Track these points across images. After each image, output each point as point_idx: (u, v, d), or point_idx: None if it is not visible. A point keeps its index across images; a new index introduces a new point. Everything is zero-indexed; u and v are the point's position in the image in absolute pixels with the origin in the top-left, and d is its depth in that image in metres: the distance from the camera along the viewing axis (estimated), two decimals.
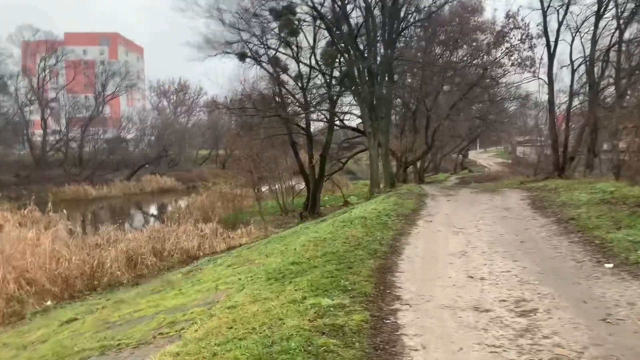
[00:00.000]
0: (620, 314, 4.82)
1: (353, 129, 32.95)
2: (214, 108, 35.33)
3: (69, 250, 19.34)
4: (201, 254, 22.54)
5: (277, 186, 37.65)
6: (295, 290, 5.83)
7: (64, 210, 24.82)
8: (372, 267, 6.85)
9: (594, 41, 21.40)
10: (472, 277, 6.41)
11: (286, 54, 30.39)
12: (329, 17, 22.20)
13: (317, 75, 30.25)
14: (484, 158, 76.68)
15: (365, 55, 21.16)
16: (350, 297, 5.50)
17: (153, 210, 48.15)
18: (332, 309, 5.06)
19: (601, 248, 7.44)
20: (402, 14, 22.41)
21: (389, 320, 4.95)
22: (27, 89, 61.25)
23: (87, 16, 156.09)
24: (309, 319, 4.73)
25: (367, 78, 20.84)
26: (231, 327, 4.87)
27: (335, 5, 21.83)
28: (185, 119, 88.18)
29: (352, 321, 4.73)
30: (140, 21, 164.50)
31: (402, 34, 24.82)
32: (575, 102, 23.74)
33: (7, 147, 60.54)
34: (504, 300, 5.41)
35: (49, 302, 15.81)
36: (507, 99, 42.34)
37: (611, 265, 6.51)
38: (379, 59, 21.14)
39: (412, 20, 23.70)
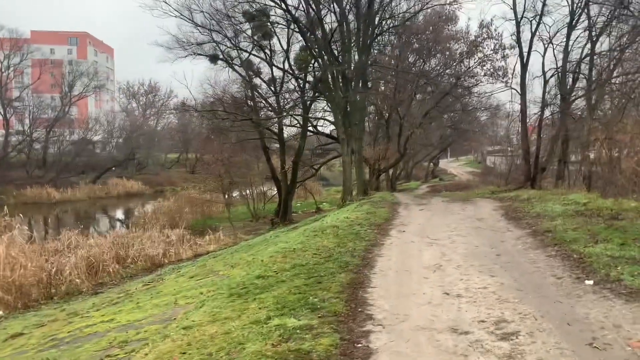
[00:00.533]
0: (607, 338, 4.49)
1: (326, 135, 32.61)
2: (183, 110, 34.45)
3: (25, 256, 18.39)
4: (166, 261, 21.81)
5: (248, 191, 37.06)
6: (260, 308, 5.35)
7: (21, 215, 23.59)
8: (343, 282, 6.41)
9: (566, 53, 21.59)
10: (448, 294, 6.02)
11: (259, 57, 29.93)
12: (303, 21, 21.81)
13: (290, 80, 29.88)
14: (455, 167, 77.41)
15: (340, 60, 20.81)
16: (319, 316, 5.04)
17: (118, 214, 46.87)
18: (298, 331, 4.59)
19: (580, 263, 7.17)
20: (376, 20, 22.17)
21: (361, 344, 4.51)
22: None
23: (56, 16, 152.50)
24: (273, 344, 4.26)
25: (340, 84, 20.49)
26: (185, 352, 4.36)
27: (310, 10, 21.48)
28: (155, 122, 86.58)
29: (319, 346, 4.27)
30: (112, 21, 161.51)
31: (377, 40, 24.63)
32: (547, 112, 23.89)
33: None
34: (483, 321, 5.03)
35: (0, 312, 14.92)
36: (478, 108, 42.80)
37: (592, 282, 6.22)
38: (353, 64, 20.82)
39: (386, 26, 23.51)
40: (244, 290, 6.27)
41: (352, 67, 20.39)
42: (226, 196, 34.35)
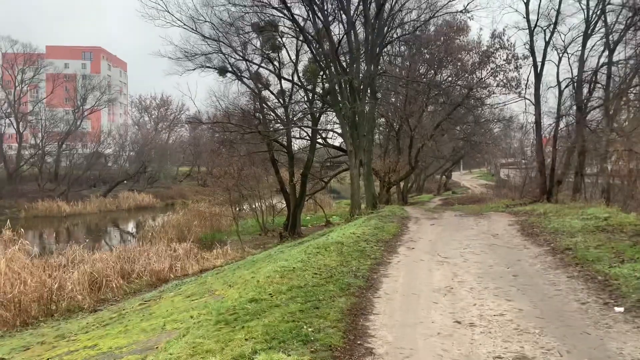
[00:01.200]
0: None
1: (336, 147, 32.07)
2: (190, 122, 34.27)
3: (27, 272, 18.01)
4: (172, 276, 21.39)
5: (257, 205, 36.65)
6: (246, 339, 4.75)
7: (22, 229, 23.32)
8: (342, 308, 5.80)
9: (582, 62, 20.92)
10: (459, 323, 5.39)
11: (268, 69, 29.60)
12: (311, 31, 21.32)
13: (298, 91, 29.48)
14: (468, 180, 76.35)
15: (347, 70, 20.28)
16: (312, 350, 4.43)
17: (127, 228, 46.60)
18: None
19: (606, 286, 6.49)
20: (385, 30, 21.64)
21: None
22: (2, 102, 59.62)
23: (71, 30, 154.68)
24: None
25: (348, 94, 19.94)
26: None
27: (317, 20, 21.01)
28: (167, 135, 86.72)
29: None
30: (126, 35, 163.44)
31: (386, 50, 24.10)
32: (562, 124, 23.17)
33: None
34: (499, 358, 4.39)
35: None
36: (491, 120, 42.06)
37: (622, 309, 5.54)
38: (361, 75, 20.25)
39: (395, 35, 22.90)
40: (233, 316, 5.68)
41: (359, 77, 19.82)
42: (236, 209, 33.95)
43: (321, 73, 25.24)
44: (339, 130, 23.19)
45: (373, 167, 29.96)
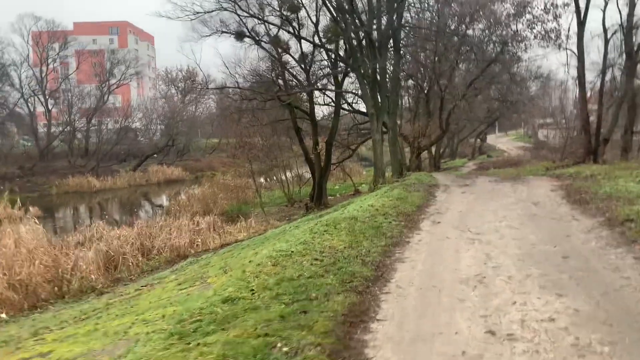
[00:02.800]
0: None
1: (361, 112, 30.33)
2: (203, 89, 33.25)
3: (41, 251, 17.38)
4: (192, 251, 20.61)
5: (282, 175, 35.70)
6: None
7: (33, 207, 22.85)
8: (337, 311, 4.42)
9: (632, 3, 18.49)
10: (493, 334, 3.94)
11: (288, 31, 27.86)
12: None
13: (320, 54, 27.77)
14: (503, 142, 73.31)
15: (365, 23, 18.35)
16: None
17: (155, 202, 46.33)
18: None
19: None
20: None
21: None
22: (29, 79, 59.79)
23: (97, 5, 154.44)
24: None
25: (368, 50, 18.09)
26: None
27: None
28: (194, 107, 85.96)
29: None
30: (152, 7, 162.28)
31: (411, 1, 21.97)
32: (608, 77, 20.87)
33: (10, 138, 59.39)
34: None
35: (2, 315, 13.77)
36: (528, 78, 39.46)
37: None
38: (383, 26, 18.28)
39: None
40: (195, 325, 4.39)
41: (380, 30, 17.89)
42: (259, 180, 33.06)
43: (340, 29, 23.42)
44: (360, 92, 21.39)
45: (402, 132, 28.21)
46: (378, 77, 18.33)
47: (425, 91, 31.28)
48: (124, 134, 63.77)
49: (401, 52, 21.93)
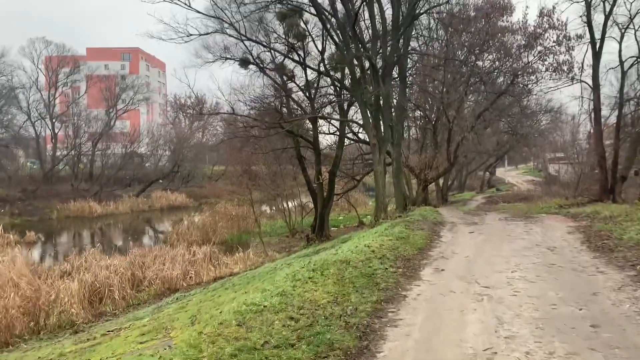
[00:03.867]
0: None
1: (366, 142, 29.50)
2: (203, 115, 32.86)
3: (24, 281, 16.45)
4: (184, 284, 19.67)
5: (284, 204, 34.92)
6: None
7: (31, 232, 21.97)
8: None
9: None
10: None
11: (293, 60, 27.29)
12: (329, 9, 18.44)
13: (324, 81, 27.10)
14: (513, 176, 72.12)
15: (368, 47, 17.47)
16: None
17: (156, 228, 45.42)
18: None
19: None
20: None
21: None
22: (37, 103, 59.91)
23: (110, 32, 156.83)
24: None
25: (371, 77, 17.18)
26: None
27: None
28: (201, 134, 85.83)
29: None
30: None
31: (419, 32, 21.19)
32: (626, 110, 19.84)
33: (16, 161, 59.23)
34: None
35: None
36: (538, 111, 38.62)
37: None
38: (387, 52, 17.39)
39: (427, 6, 19.37)
40: None
41: (384, 55, 17.00)
42: (259, 209, 32.27)
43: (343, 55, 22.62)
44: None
45: (408, 164, 27.23)
46: (381, 105, 17.42)
47: (433, 122, 30.44)
48: (129, 159, 63.54)
49: (408, 81, 21.07)
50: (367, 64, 17.62)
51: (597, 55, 18.84)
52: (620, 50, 18.85)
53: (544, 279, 6.81)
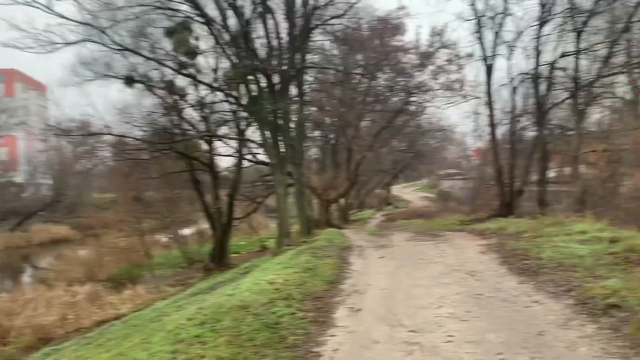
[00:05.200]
0: None
1: (265, 163, 28.22)
2: (72, 135, 30.07)
3: None
4: (62, 331, 17.04)
5: (180, 232, 32.56)
6: None
7: None
8: None
9: (537, 53, 18.13)
10: None
11: (185, 75, 25.27)
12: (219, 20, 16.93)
13: (218, 97, 25.47)
14: (407, 193, 74.21)
15: (263, 60, 16.26)
16: None
17: (34, 266, 40.61)
18: None
19: None
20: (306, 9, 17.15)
21: None
22: None
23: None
24: None
25: (268, 92, 15.98)
26: None
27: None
28: (88, 160, 79.78)
29: None
30: (45, 58, 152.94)
31: (317, 46, 20.45)
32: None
33: None
34: None
35: None
36: (432, 129, 39.83)
37: None
38: (283, 64, 16.27)
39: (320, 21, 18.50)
40: None
41: (279, 68, 15.89)
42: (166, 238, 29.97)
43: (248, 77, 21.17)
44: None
45: (310, 184, 26.33)
46: (280, 123, 16.25)
47: (333, 141, 29.98)
48: (3, 188, 57.46)
49: (306, 97, 20.15)
50: (258, 79, 16.38)
51: (489, 72, 19.15)
52: (509, 68, 19.27)
53: (477, 315, 5.83)
